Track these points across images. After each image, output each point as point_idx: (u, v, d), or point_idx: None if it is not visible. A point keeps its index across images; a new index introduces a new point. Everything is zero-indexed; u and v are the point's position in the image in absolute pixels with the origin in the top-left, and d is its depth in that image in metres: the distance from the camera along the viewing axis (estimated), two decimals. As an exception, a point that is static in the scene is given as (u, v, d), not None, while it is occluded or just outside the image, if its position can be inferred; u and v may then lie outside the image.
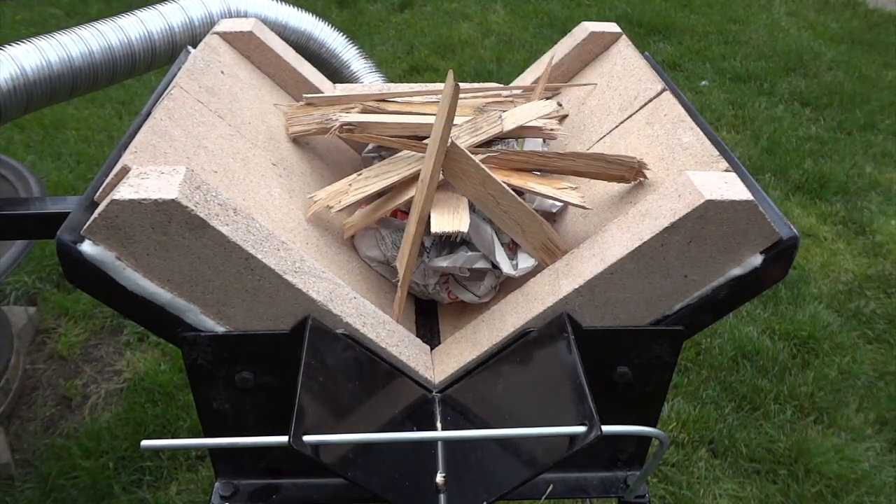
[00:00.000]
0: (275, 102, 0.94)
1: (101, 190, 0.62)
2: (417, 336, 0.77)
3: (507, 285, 0.81)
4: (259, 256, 0.59)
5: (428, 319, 0.87)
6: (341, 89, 1.05)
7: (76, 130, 2.85)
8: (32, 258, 2.16)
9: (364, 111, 0.90)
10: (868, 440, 1.76)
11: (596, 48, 1.00)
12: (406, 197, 0.77)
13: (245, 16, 1.37)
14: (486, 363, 0.69)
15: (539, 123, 0.90)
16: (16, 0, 3.79)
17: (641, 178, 0.74)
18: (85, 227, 0.56)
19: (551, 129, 0.90)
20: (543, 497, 0.74)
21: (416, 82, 1.48)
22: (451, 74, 0.71)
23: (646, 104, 0.84)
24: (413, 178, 0.78)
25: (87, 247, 0.56)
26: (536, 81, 1.01)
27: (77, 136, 2.82)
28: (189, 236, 0.57)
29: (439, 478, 0.66)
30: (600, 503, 1.08)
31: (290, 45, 1.06)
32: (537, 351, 0.65)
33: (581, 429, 0.55)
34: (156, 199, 0.54)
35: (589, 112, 0.93)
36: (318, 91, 0.99)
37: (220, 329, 0.63)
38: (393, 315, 0.75)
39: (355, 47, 1.49)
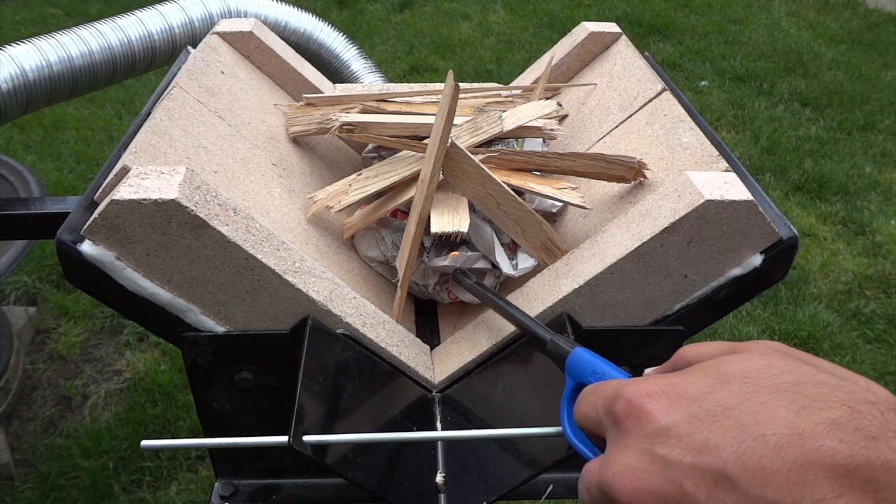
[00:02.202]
0: (275, 102, 0.94)
1: (101, 190, 0.61)
2: (417, 336, 0.77)
3: (507, 285, 0.81)
4: (259, 256, 0.59)
5: (428, 319, 0.87)
6: (341, 89, 1.05)
7: (76, 130, 2.85)
8: (32, 258, 2.16)
9: (364, 111, 0.90)
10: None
11: (596, 48, 1.00)
12: (406, 197, 0.77)
13: (245, 16, 1.37)
14: (486, 363, 0.69)
15: (539, 123, 0.90)
16: (16, 0, 3.79)
17: (641, 178, 0.74)
18: (85, 227, 0.56)
19: (551, 129, 0.90)
20: (543, 497, 0.74)
21: (416, 82, 1.48)
22: (451, 74, 0.71)
23: (646, 104, 0.84)
24: (413, 178, 0.78)
25: (86, 247, 0.56)
26: (536, 81, 1.01)
27: (77, 136, 2.82)
28: (189, 236, 0.57)
29: (439, 478, 0.66)
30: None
31: (290, 45, 1.06)
32: (537, 351, 0.65)
33: (581, 429, 0.55)
34: (156, 199, 0.54)
35: (589, 112, 0.93)
36: (318, 91, 0.99)
37: (220, 329, 0.63)
38: (393, 315, 0.75)
39: (355, 47, 1.49)
